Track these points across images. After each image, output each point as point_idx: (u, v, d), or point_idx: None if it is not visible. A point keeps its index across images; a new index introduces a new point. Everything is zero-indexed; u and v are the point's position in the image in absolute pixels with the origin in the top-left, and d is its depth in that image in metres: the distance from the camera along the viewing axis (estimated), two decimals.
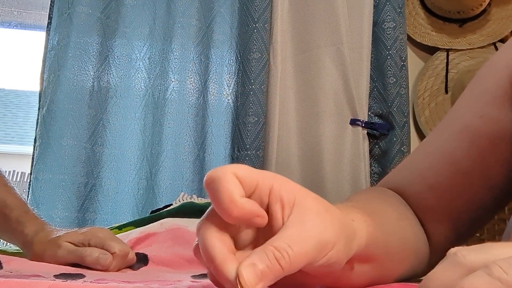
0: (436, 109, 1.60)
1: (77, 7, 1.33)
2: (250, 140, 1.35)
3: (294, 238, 0.31)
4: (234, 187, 0.32)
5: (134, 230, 0.79)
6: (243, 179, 0.32)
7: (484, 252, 0.25)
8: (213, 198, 0.32)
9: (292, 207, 0.33)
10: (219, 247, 0.32)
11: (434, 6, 1.63)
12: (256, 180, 0.33)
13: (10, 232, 0.74)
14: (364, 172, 1.40)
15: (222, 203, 0.32)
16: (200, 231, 0.33)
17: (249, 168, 0.33)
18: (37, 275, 0.49)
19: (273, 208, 0.33)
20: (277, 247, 0.30)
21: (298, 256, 0.31)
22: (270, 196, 0.33)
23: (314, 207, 0.33)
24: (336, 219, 0.34)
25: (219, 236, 0.32)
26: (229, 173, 0.32)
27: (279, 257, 0.30)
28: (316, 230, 0.32)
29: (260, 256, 0.30)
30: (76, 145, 1.29)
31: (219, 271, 0.31)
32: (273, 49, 1.41)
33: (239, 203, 0.32)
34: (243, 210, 0.32)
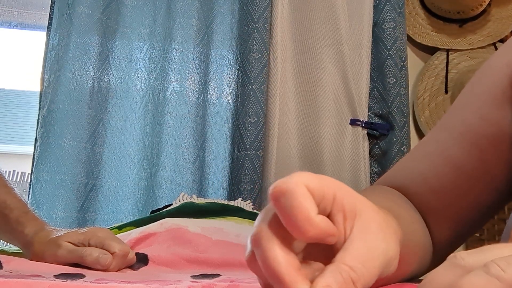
0: (436, 109, 1.60)
1: (77, 7, 1.33)
2: (250, 140, 1.35)
3: (365, 256, 0.30)
4: (310, 205, 0.29)
5: (134, 230, 0.79)
6: (314, 191, 0.30)
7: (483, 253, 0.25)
8: (285, 215, 0.29)
9: (354, 218, 0.32)
10: (286, 263, 0.29)
11: (434, 6, 1.63)
12: (323, 191, 0.31)
13: (10, 233, 0.74)
14: (364, 172, 1.40)
15: (298, 222, 0.29)
16: (260, 243, 0.30)
17: (317, 177, 0.31)
18: (37, 275, 0.49)
19: (335, 218, 0.32)
20: (353, 268, 0.29)
21: (371, 275, 0.30)
22: (333, 205, 0.32)
23: (377, 220, 0.33)
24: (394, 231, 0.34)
25: (284, 250, 0.30)
26: (302, 186, 0.30)
27: (355, 279, 0.29)
28: (383, 246, 0.31)
29: (335, 277, 0.29)
30: (76, 145, 1.29)
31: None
32: (273, 49, 1.41)
33: (316, 223, 0.29)
34: (320, 230, 0.30)
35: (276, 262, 0.29)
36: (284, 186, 0.29)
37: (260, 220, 0.31)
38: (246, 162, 1.33)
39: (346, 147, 1.41)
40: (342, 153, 1.40)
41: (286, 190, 0.29)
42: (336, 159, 1.39)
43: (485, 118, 0.54)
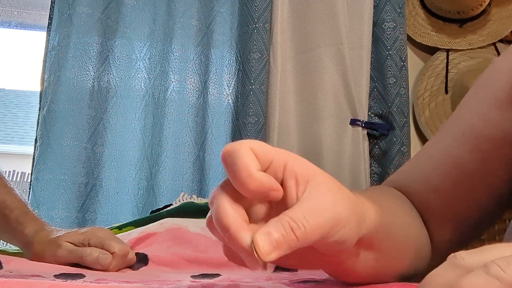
0: (436, 109, 1.60)
1: (77, 7, 1.33)
2: None
3: (310, 211, 0.32)
4: (251, 161, 0.32)
5: (134, 230, 0.79)
6: (259, 154, 0.33)
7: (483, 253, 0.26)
8: (230, 171, 0.32)
9: (306, 183, 0.34)
10: (233, 216, 0.32)
11: (434, 6, 1.63)
12: (272, 156, 0.34)
13: (10, 233, 0.74)
14: (364, 172, 1.40)
15: (239, 176, 0.32)
16: (214, 201, 0.33)
17: (265, 144, 0.34)
18: (37, 275, 0.49)
19: (287, 183, 0.34)
20: (293, 218, 0.31)
21: (313, 227, 0.31)
22: (284, 172, 0.34)
23: (328, 183, 0.34)
24: (348, 197, 0.35)
25: (233, 206, 0.33)
26: (246, 147, 0.32)
27: (294, 228, 0.31)
28: (330, 204, 0.33)
29: (275, 226, 0.31)
30: (76, 145, 1.29)
31: (234, 239, 0.31)
32: (273, 49, 1.41)
33: (256, 176, 0.32)
34: (260, 183, 0.32)
35: (225, 215, 0.32)
36: (230, 147, 0.33)
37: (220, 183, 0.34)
38: None
39: (346, 147, 1.41)
40: (342, 153, 1.40)
41: (231, 150, 0.32)
42: (336, 159, 1.39)
43: (488, 121, 0.54)
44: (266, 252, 0.30)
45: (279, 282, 0.48)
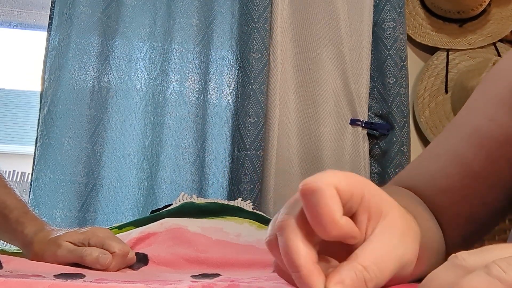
0: (436, 109, 1.60)
1: (77, 7, 1.33)
2: (250, 140, 1.35)
3: (381, 258, 0.31)
4: (336, 206, 0.30)
5: (134, 230, 0.79)
6: (341, 191, 0.31)
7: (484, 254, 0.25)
8: (312, 213, 0.31)
9: (378, 220, 0.33)
10: (305, 256, 0.31)
11: (434, 6, 1.63)
12: (352, 191, 0.32)
13: (10, 233, 0.74)
14: (364, 172, 1.40)
15: (323, 221, 0.30)
16: (284, 230, 0.32)
17: (346, 177, 0.32)
18: (37, 275, 0.49)
19: (360, 218, 0.33)
20: (367, 268, 0.30)
21: (383, 277, 0.31)
22: (359, 205, 0.33)
23: (399, 224, 0.33)
24: (415, 236, 0.35)
25: (306, 244, 0.31)
26: (331, 188, 0.31)
27: (367, 279, 0.30)
28: (401, 249, 0.32)
29: (349, 275, 0.30)
30: (76, 145, 1.29)
31: (305, 282, 0.30)
32: (273, 49, 1.41)
33: (339, 224, 0.31)
34: (342, 231, 0.31)
35: (297, 253, 0.31)
36: (314, 185, 0.30)
37: (287, 209, 0.33)
38: (246, 162, 1.33)
39: (346, 147, 1.41)
40: (342, 153, 1.40)
41: (315, 189, 0.30)
42: (336, 159, 1.39)
43: (494, 120, 0.54)
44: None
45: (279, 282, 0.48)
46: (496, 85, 0.56)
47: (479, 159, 0.54)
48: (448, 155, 0.57)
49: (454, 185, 0.55)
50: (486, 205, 0.55)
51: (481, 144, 0.54)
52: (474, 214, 0.56)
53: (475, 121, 0.56)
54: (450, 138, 0.58)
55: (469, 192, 0.55)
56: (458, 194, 0.55)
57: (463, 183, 0.55)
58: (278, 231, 0.32)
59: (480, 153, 0.54)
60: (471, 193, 0.55)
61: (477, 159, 0.54)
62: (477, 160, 0.54)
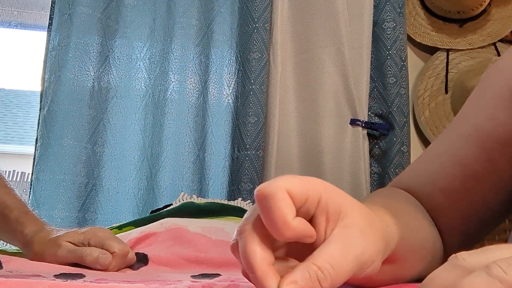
0: (436, 109, 1.60)
1: (77, 7, 1.33)
2: (250, 140, 1.35)
3: (337, 258, 0.32)
4: (288, 209, 0.31)
5: (134, 230, 0.79)
6: (295, 195, 0.32)
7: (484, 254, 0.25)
8: (265, 216, 0.32)
9: (337, 220, 0.33)
10: (260, 258, 0.32)
11: (434, 6, 1.63)
12: (307, 194, 0.33)
13: (10, 233, 0.74)
14: (364, 172, 1.40)
15: (275, 224, 0.31)
16: (242, 234, 0.33)
17: (301, 181, 0.33)
18: (37, 275, 0.49)
19: (318, 220, 0.34)
20: (321, 268, 0.31)
21: (339, 277, 0.31)
22: (317, 207, 0.33)
23: (358, 223, 0.34)
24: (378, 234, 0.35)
25: (261, 246, 0.32)
26: (282, 191, 0.32)
27: (321, 279, 0.31)
28: (358, 249, 0.33)
29: (303, 275, 0.31)
30: (76, 145, 1.29)
31: (259, 282, 0.31)
32: (273, 49, 1.41)
33: (292, 225, 0.31)
34: (295, 232, 0.32)
35: (253, 256, 0.32)
36: (267, 190, 0.32)
37: (249, 214, 0.34)
38: (246, 162, 1.33)
39: (346, 147, 1.41)
40: (342, 153, 1.40)
41: (267, 194, 0.31)
42: (336, 159, 1.39)
43: (493, 119, 0.54)
44: None
45: None
46: (495, 84, 0.56)
47: (478, 159, 0.54)
48: (448, 155, 0.57)
49: (454, 185, 0.55)
50: (486, 205, 0.55)
51: (480, 144, 0.54)
52: (474, 214, 0.56)
53: (474, 121, 0.56)
54: (450, 138, 0.58)
55: (469, 192, 0.55)
56: (458, 194, 0.55)
57: (462, 183, 0.55)
58: (238, 236, 0.34)
59: (480, 153, 0.54)
60: (471, 193, 0.55)
61: (477, 158, 0.54)
62: (476, 160, 0.54)
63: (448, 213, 0.56)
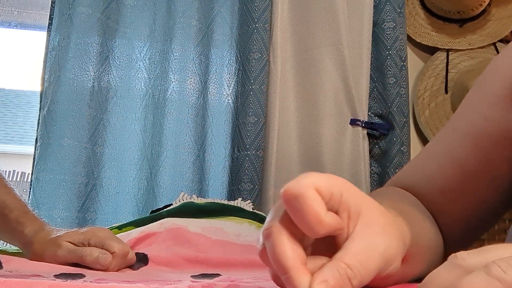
0: (436, 109, 1.60)
1: (77, 7, 1.33)
2: (250, 140, 1.35)
3: (363, 255, 0.32)
4: (320, 207, 0.32)
5: (134, 230, 0.79)
6: (322, 192, 0.32)
7: (484, 254, 0.25)
8: (297, 217, 0.32)
9: (358, 217, 0.34)
10: (292, 257, 0.32)
11: (434, 6, 1.63)
12: (332, 191, 0.33)
13: (9, 233, 0.74)
14: (364, 172, 1.40)
15: (309, 223, 0.31)
16: (271, 236, 0.33)
17: (325, 178, 0.33)
18: (37, 275, 0.49)
19: (340, 216, 0.34)
20: (350, 265, 0.31)
21: (367, 274, 0.32)
22: (339, 204, 0.34)
23: (379, 221, 0.34)
24: (397, 232, 0.35)
25: (292, 245, 0.32)
26: (312, 189, 0.32)
27: (351, 277, 0.31)
28: (383, 245, 0.33)
29: (333, 274, 0.31)
30: (76, 145, 1.29)
31: (291, 283, 0.31)
32: (273, 49, 1.41)
33: (326, 222, 0.32)
34: (330, 228, 0.32)
35: (284, 255, 0.32)
36: (295, 190, 0.31)
37: (272, 216, 0.34)
38: (246, 162, 1.33)
39: (346, 147, 1.41)
40: (342, 153, 1.40)
41: (296, 194, 0.31)
42: (336, 159, 1.39)
43: (489, 118, 0.54)
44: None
45: None
46: (492, 83, 0.56)
47: (475, 158, 0.54)
48: (445, 154, 0.57)
49: (451, 185, 0.55)
50: (484, 204, 0.55)
51: (476, 143, 0.54)
52: (472, 212, 0.56)
53: (470, 119, 0.56)
54: (447, 137, 0.58)
55: (466, 191, 0.55)
56: (455, 194, 0.55)
57: (460, 182, 0.55)
58: (266, 239, 0.33)
59: (476, 152, 0.54)
60: (469, 192, 0.55)
61: (474, 158, 0.54)
62: (473, 159, 0.54)
63: (445, 212, 0.56)
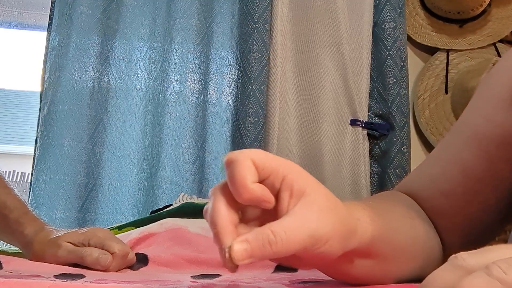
0: (436, 109, 1.60)
1: (77, 7, 1.33)
2: (250, 140, 1.35)
3: (291, 226, 0.34)
4: (248, 173, 0.35)
5: (134, 230, 0.79)
6: (259, 165, 0.36)
7: (484, 254, 0.25)
8: (229, 179, 0.35)
9: (300, 198, 0.36)
10: (223, 217, 0.35)
11: (434, 6, 1.63)
12: (272, 167, 0.36)
13: (10, 233, 0.74)
14: (364, 172, 1.40)
15: (235, 186, 0.35)
16: (212, 196, 0.36)
17: (267, 154, 0.37)
18: (37, 275, 0.49)
19: (282, 194, 0.36)
20: (274, 232, 0.33)
21: (289, 243, 0.33)
22: (282, 183, 0.36)
23: (320, 203, 0.36)
24: (337, 218, 0.36)
25: (227, 207, 0.35)
26: (247, 158, 0.35)
27: (272, 241, 0.33)
28: (313, 224, 0.35)
29: (255, 236, 0.33)
30: (76, 146, 1.29)
31: (217, 238, 0.34)
32: (273, 50, 1.41)
33: (249, 188, 0.35)
34: (253, 195, 0.35)
35: (216, 213, 0.35)
36: (233, 156, 0.35)
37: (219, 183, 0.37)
38: None
39: (346, 147, 1.41)
40: (342, 153, 1.40)
41: (233, 159, 0.35)
42: (336, 159, 1.39)
43: (492, 121, 0.54)
44: (238, 258, 0.32)
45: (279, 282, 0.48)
46: (495, 85, 0.56)
47: (479, 162, 0.54)
48: (449, 158, 0.57)
49: (455, 189, 0.55)
50: (488, 207, 0.55)
51: (480, 146, 0.54)
52: (476, 216, 0.55)
53: (473, 123, 0.56)
54: (451, 141, 0.58)
55: (470, 195, 0.55)
56: (459, 198, 0.55)
57: (464, 186, 0.55)
58: (209, 197, 0.37)
59: (480, 155, 0.54)
60: (473, 196, 0.55)
61: (478, 161, 0.54)
62: (477, 163, 0.54)
63: (449, 216, 0.55)
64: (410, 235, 0.48)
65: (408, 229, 0.48)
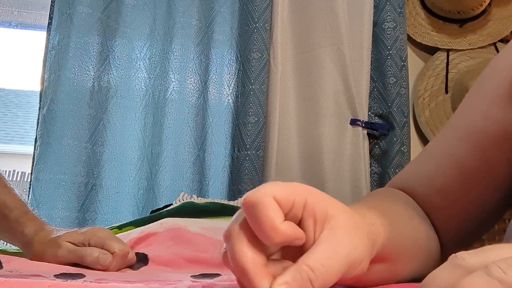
0: (436, 109, 1.60)
1: (77, 7, 1.33)
2: (250, 140, 1.35)
3: (327, 259, 0.32)
4: (275, 214, 0.32)
5: (134, 230, 0.79)
6: (281, 201, 0.33)
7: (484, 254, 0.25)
8: (254, 224, 0.32)
9: (324, 223, 0.34)
10: (251, 259, 0.32)
11: (434, 6, 1.63)
12: (293, 199, 0.33)
13: (10, 233, 0.74)
14: (364, 172, 1.40)
15: (264, 229, 0.32)
16: (230, 239, 0.33)
17: (286, 187, 0.34)
18: (37, 275, 0.49)
19: (306, 223, 0.34)
20: (312, 268, 0.31)
21: (330, 276, 0.32)
22: (304, 211, 0.34)
23: (345, 224, 0.34)
24: (364, 234, 0.35)
25: (250, 247, 0.32)
26: (269, 197, 0.32)
27: (313, 278, 0.31)
28: (347, 249, 0.33)
29: (294, 276, 0.31)
30: (76, 145, 1.29)
31: (252, 284, 0.31)
32: (273, 49, 1.41)
33: (281, 230, 0.32)
34: (285, 236, 0.32)
35: (242, 257, 0.32)
36: (253, 197, 0.32)
37: (233, 220, 0.34)
38: (246, 162, 1.33)
39: (346, 147, 1.41)
40: (342, 153, 1.40)
41: (254, 201, 0.32)
42: (336, 159, 1.39)
43: (488, 117, 0.54)
44: None
45: None
46: (491, 81, 0.56)
47: (474, 158, 0.54)
48: (444, 154, 0.57)
49: (450, 185, 0.55)
50: (483, 204, 0.55)
51: (476, 142, 0.54)
52: (471, 213, 0.55)
53: (469, 119, 0.56)
54: (446, 137, 0.58)
55: (465, 191, 0.55)
56: (454, 194, 0.55)
57: (459, 183, 0.55)
58: (225, 241, 0.34)
59: (475, 152, 0.54)
60: (468, 193, 0.55)
61: (473, 157, 0.54)
62: (472, 159, 0.54)
63: (445, 212, 0.56)
64: (412, 236, 0.48)
65: (409, 230, 0.48)
